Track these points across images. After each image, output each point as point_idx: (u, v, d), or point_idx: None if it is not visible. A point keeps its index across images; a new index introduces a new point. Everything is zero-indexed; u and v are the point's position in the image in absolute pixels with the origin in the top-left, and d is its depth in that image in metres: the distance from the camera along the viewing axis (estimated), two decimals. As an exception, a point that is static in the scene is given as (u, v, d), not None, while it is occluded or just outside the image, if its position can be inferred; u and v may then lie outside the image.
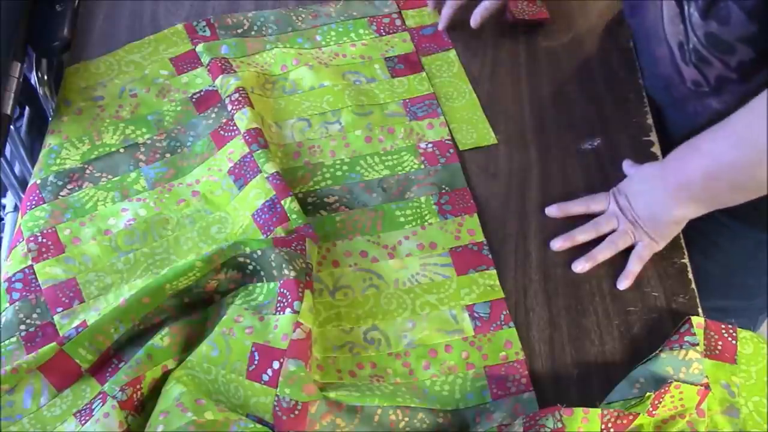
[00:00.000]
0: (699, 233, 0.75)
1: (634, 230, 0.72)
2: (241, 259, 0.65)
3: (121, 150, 0.78)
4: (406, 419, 0.61)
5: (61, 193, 0.75)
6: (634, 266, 0.71)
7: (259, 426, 0.59)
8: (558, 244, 0.73)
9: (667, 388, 0.60)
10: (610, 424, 0.58)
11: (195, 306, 0.67)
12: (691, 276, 0.72)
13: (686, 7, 0.70)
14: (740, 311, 0.92)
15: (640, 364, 0.65)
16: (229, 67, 0.82)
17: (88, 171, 0.76)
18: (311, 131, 0.80)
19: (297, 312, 0.61)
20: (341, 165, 0.78)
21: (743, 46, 0.65)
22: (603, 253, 0.72)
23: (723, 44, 0.67)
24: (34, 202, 0.74)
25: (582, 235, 0.73)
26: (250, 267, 0.66)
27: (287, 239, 0.67)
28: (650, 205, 0.71)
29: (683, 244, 0.74)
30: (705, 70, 0.71)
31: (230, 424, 0.58)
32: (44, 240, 0.71)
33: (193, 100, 0.82)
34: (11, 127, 0.84)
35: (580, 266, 0.72)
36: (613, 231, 0.73)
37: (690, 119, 0.76)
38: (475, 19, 0.85)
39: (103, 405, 0.58)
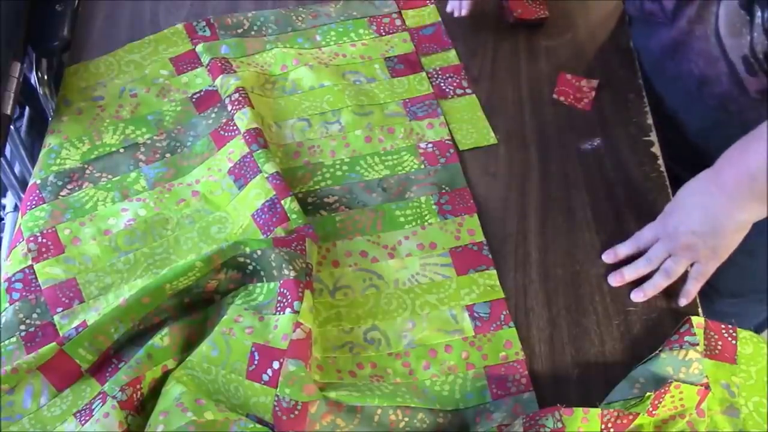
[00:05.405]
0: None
1: (692, 251, 0.68)
2: (241, 259, 0.65)
3: (121, 150, 0.78)
4: (406, 419, 0.61)
5: (61, 193, 0.75)
6: (694, 286, 0.69)
7: (259, 426, 0.59)
8: (614, 280, 0.71)
9: (667, 388, 0.60)
10: (610, 424, 0.58)
11: (195, 306, 0.67)
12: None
13: (758, 13, 0.66)
14: None
15: (640, 364, 0.65)
16: (229, 67, 0.82)
17: (88, 171, 0.76)
18: (311, 131, 0.80)
19: (297, 312, 0.61)
20: (341, 165, 0.78)
21: None
22: (658, 284, 0.70)
23: None
24: (34, 202, 0.74)
25: (632, 272, 0.70)
26: (250, 267, 0.66)
27: (287, 239, 0.67)
28: (708, 216, 0.65)
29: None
30: None
31: (230, 424, 0.58)
32: (44, 240, 0.71)
33: (193, 100, 0.82)
34: (11, 127, 0.84)
35: (639, 296, 0.70)
36: (667, 257, 0.69)
37: (746, 128, 0.68)
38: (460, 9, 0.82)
39: (103, 405, 0.58)
